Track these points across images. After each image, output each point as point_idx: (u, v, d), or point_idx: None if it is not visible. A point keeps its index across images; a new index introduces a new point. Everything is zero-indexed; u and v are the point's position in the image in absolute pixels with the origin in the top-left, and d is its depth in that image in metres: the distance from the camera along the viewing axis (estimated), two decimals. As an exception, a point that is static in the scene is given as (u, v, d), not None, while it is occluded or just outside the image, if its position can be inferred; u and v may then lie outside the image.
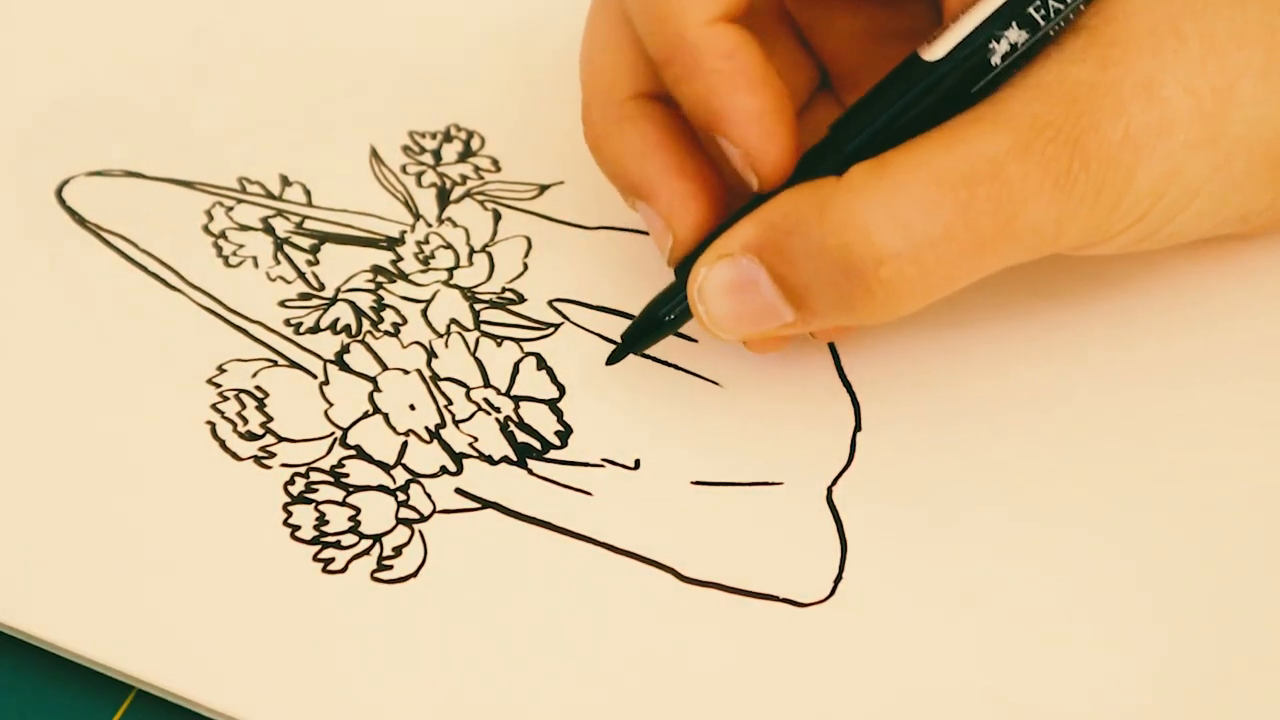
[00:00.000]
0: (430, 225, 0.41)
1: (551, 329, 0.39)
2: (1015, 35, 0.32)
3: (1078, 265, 0.38)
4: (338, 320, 0.39)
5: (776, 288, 0.32)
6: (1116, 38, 0.32)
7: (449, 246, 0.40)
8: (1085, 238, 0.32)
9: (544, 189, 0.42)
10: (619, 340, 0.36)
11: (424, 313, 0.39)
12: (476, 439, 0.36)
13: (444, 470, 0.36)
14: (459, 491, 0.35)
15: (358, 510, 0.35)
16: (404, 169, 0.42)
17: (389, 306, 0.39)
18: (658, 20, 0.33)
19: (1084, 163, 0.31)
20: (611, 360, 0.36)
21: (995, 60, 0.32)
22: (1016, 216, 0.31)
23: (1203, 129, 0.32)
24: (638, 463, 0.36)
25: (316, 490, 0.35)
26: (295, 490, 0.35)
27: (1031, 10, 0.32)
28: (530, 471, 0.36)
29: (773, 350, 0.36)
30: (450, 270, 0.40)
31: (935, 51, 0.32)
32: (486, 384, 0.37)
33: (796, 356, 0.37)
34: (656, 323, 0.35)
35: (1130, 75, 0.32)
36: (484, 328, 0.38)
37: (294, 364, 0.38)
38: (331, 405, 0.37)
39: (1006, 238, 0.31)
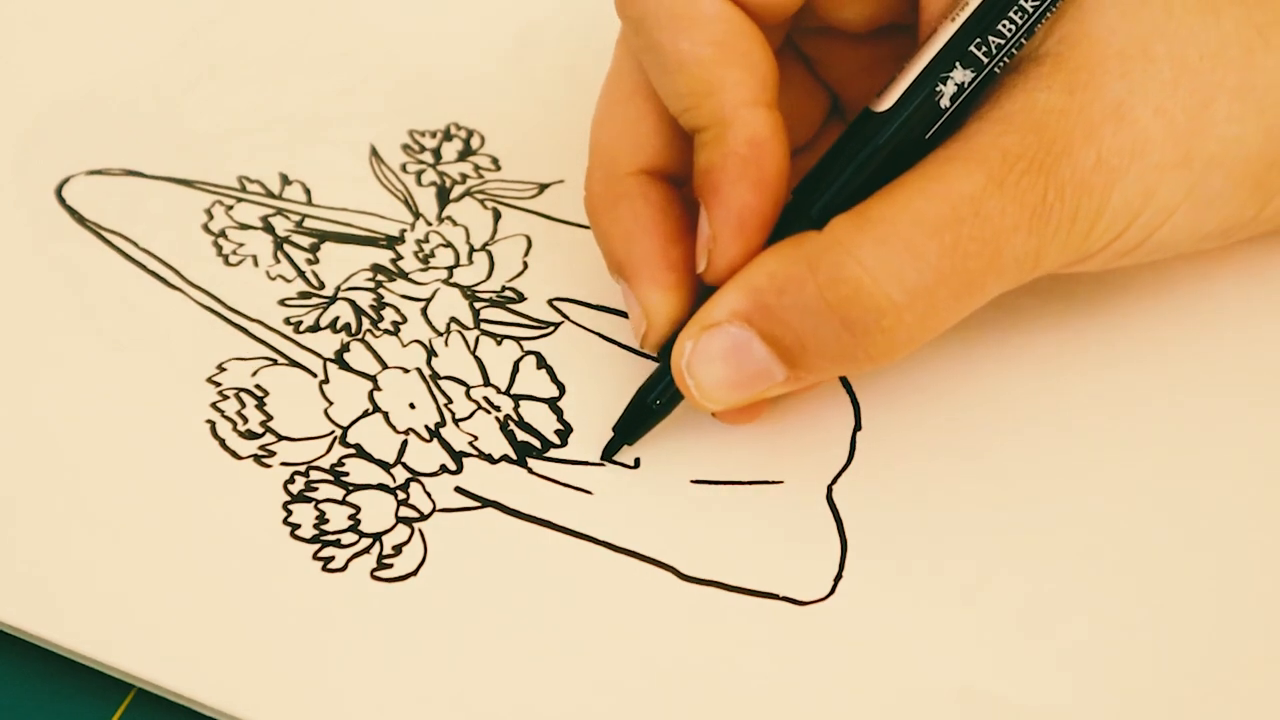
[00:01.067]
0: (430, 224, 0.41)
1: (551, 328, 0.39)
2: (961, 75, 0.32)
3: (1078, 263, 0.38)
4: (337, 319, 0.39)
5: (769, 350, 0.32)
6: (1083, 62, 0.32)
7: (449, 245, 0.40)
8: (1064, 260, 0.33)
9: (544, 188, 0.42)
10: (612, 431, 0.36)
11: (424, 311, 0.39)
12: (476, 437, 0.36)
13: (444, 469, 0.36)
14: (459, 490, 0.35)
15: (358, 509, 0.35)
16: (404, 167, 0.42)
17: (389, 305, 0.39)
18: (703, 94, 0.33)
19: (1058, 191, 0.31)
20: (606, 455, 0.36)
21: (944, 103, 0.32)
22: (1000, 252, 0.31)
23: (1175, 150, 0.32)
24: (638, 461, 0.36)
25: (316, 489, 0.35)
26: (295, 489, 0.35)
27: (973, 49, 0.32)
28: (530, 470, 0.36)
29: (746, 421, 0.36)
30: (450, 269, 0.40)
31: (885, 102, 0.32)
32: (486, 383, 0.37)
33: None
34: (646, 410, 0.35)
35: (1099, 99, 0.32)
36: (484, 326, 0.38)
37: (294, 363, 0.38)
38: (331, 404, 0.37)
39: (992, 273, 0.32)
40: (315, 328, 0.38)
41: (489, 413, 0.37)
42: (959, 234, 0.31)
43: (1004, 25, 0.32)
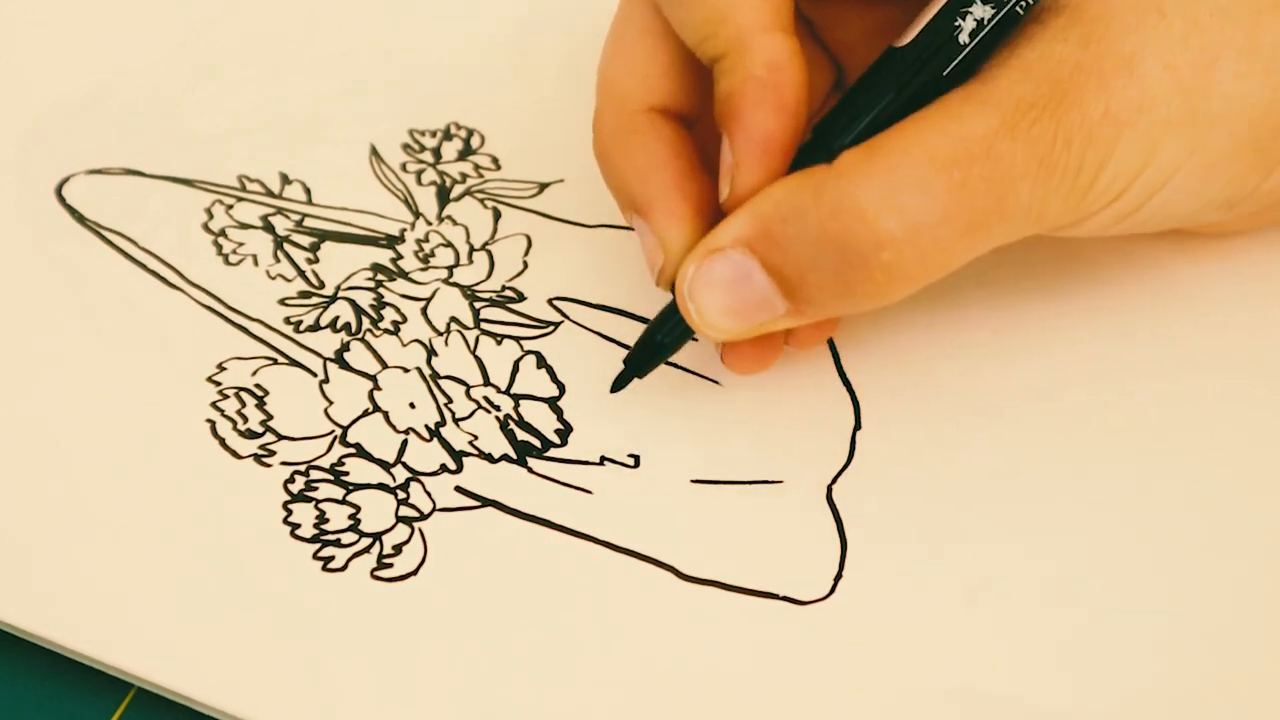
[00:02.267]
0: (430, 223, 0.41)
1: (551, 327, 0.39)
2: (981, 11, 0.32)
3: (1077, 261, 0.38)
4: (338, 318, 0.39)
5: (770, 279, 0.32)
6: (1099, 14, 0.32)
7: (449, 245, 0.40)
8: (1065, 216, 0.33)
9: (544, 187, 0.42)
10: (622, 364, 0.36)
11: (424, 311, 0.39)
12: (476, 437, 0.36)
13: (444, 468, 0.36)
14: (459, 490, 0.35)
15: (358, 508, 0.35)
16: (404, 167, 0.42)
17: (389, 305, 0.39)
18: (718, 21, 0.33)
19: (1066, 141, 0.31)
20: (615, 388, 0.36)
21: (963, 38, 0.32)
22: (1006, 196, 0.31)
23: (1182, 105, 0.32)
24: (637, 461, 0.36)
25: (316, 488, 0.35)
26: (295, 488, 0.35)
27: None
28: (530, 470, 0.36)
29: (755, 370, 0.36)
30: (450, 268, 0.40)
31: (905, 38, 0.32)
32: (486, 382, 0.37)
33: (796, 355, 0.37)
34: (656, 346, 0.35)
35: (1112, 52, 0.32)
36: (484, 326, 0.38)
37: (294, 362, 0.38)
38: (331, 403, 0.37)
39: (998, 217, 0.31)
40: (315, 327, 0.38)
41: (489, 412, 0.37)
42: (969, 172, 0.31)
43: None
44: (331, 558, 0.34)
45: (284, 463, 0.36)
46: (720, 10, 0.33)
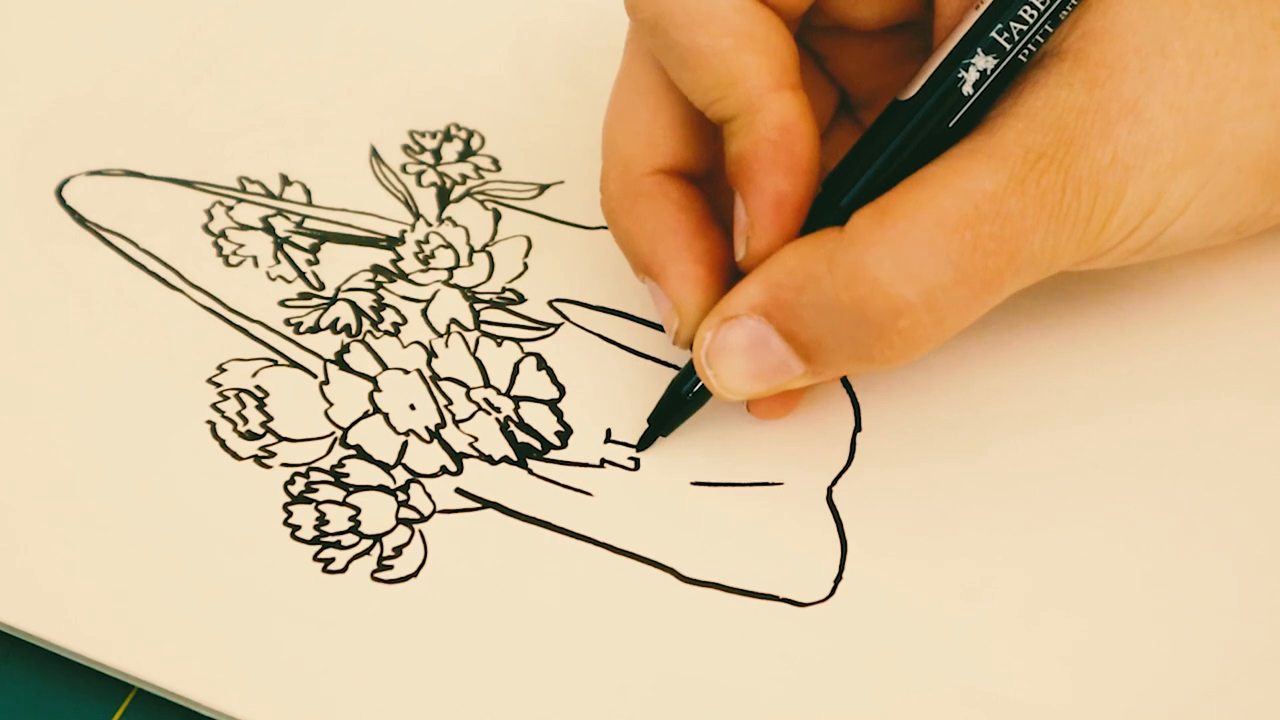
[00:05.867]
0: (430, 225, 0.41)
1: (551, 329, 0.39)
2: (983, 62, 0.32)
3: (1078, 265, 0.38)
4: (338, 320, 0.39)
5: (787, 345, 0.32)
6: (1102, 59, 0.32)
7: (449, 246, 0.40)
8: (1077, 259, 0.33)
9: (544, 188, 0.42)
10: (646, 422, 0.36)
11: (424, 312, 0.39)
12: (476, 439, 0.36)
13: (444, 470, 0.36)
14: (459, 491, 0.35)
15: (358, 510, 0.35)
16: (404, 168, 0.42)
17: (389, 306, 0.39)
18: (728, 84, 0.33)
19: (1075, 190, 0.31)
20: (641, 446, 0.36)
21: (967, 90, 0.32)
22: (1019, 250, 0.31)
23: (1189, 146, 0.32)
24: (637, 463, 0.36)
25: (317, 490, 0.35)
26: (295, 490, 0.35)
27: (995, 35, 0.32)
28: (530, 471, 0.36)
29: (779, 415, 0.36)
30: (450, 270, 0.40)
31: (909, 91, 0.32)
32: (486, 384, 0.37)
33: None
34: (680, 401, 0.35)
35: (1116, 96, 0.32)
36: (484, 327, 0.39)
37: (294, 363, 0.38)
38: (332, 405, 0.37)
39: (1010, 271, 0.31)
40: (315, 328, 0.38)
41: (489, 414, 0.37)
42: (979, 232, 0.31)
43: (1025, 11, 0.32)
44: (332, 559, 0.34)
45: (284, 464, 0.36)
46: (729, 73, 0.32)
